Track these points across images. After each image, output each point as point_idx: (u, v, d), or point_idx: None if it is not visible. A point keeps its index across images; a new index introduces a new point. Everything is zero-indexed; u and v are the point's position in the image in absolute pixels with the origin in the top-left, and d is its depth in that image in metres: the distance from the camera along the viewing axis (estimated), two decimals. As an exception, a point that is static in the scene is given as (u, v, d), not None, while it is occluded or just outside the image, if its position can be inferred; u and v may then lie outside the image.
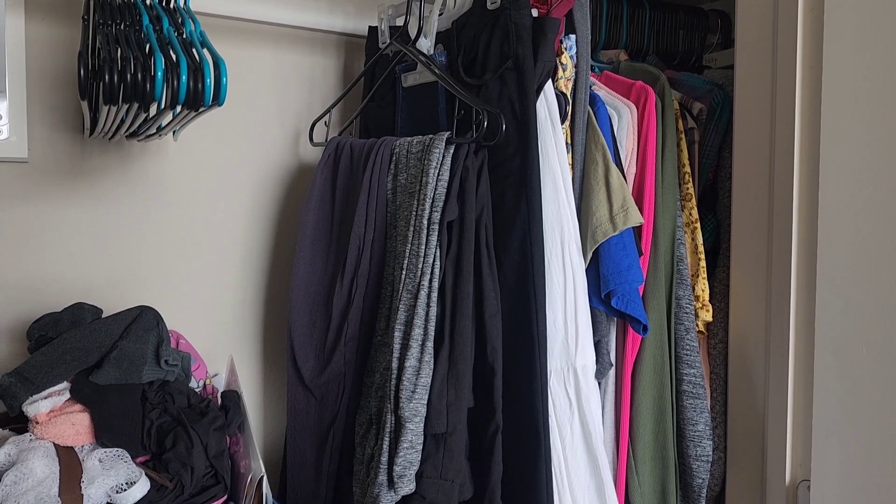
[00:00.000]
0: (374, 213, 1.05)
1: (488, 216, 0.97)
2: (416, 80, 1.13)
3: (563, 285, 0.99)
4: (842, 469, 0.95)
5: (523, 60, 0.97)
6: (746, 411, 1.12)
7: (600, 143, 1.06)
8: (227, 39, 1.23)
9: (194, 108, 0.80)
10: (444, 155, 0.96)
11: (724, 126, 1.23)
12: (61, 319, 0.99)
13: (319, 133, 1.26)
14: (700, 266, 1.17)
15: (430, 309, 0.94)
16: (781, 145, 1.04)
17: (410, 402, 0.91)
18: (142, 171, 1.18)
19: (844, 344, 0.94)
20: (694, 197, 1.19)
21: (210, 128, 1.20)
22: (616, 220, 1.03)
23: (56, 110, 1.09)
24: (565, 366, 1.00)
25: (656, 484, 1.12)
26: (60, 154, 1.10)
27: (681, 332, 1.14)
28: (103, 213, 1.15)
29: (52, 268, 1.11)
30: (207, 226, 1.25)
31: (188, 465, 0.90)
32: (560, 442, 0.99)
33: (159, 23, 0.86)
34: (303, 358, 1.10)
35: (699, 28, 1.51)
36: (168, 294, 1.21)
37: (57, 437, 0.89)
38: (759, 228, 1.09)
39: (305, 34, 1.31)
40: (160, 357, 0.98)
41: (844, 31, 0.94)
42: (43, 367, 0.93)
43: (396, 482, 0.91)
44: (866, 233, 0.92)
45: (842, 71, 0.95)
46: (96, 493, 0.84)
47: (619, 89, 1.16)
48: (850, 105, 0.94)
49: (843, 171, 0.95)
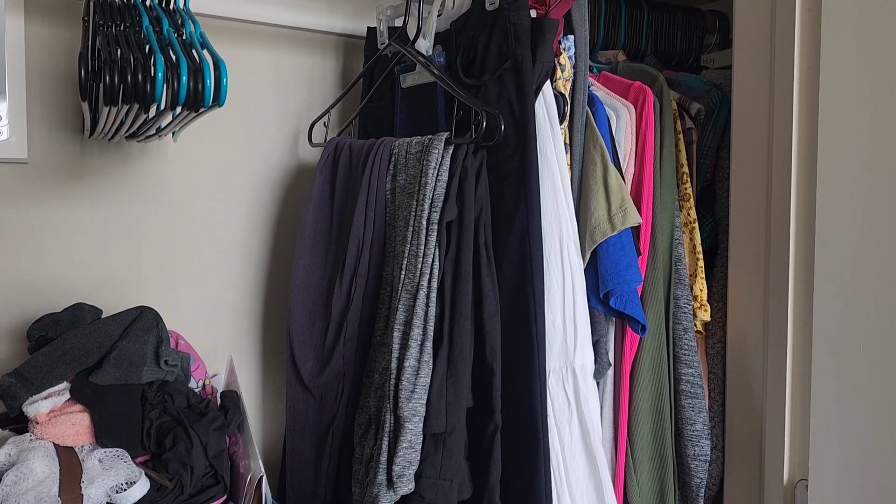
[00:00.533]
0: (373, 213, 1.05)
1: (487, 216, 0.97)
2: (415, 81, 1.13)
3: (561, 285, 0.99)
4: (840, 468, 0.95)
5: (522, 61, 0.97)
6: (744, 411, 1.12)
7: (599, 144, 1.06)
8: (226, 40, 1.23)
9: (194, 108, 0.80)
10: (443, 155, 0.96)
11: (721, 126, 1.23)
12: (61, 320, 0.99)
13: (318, 134, 1.26)
14: (698, 266, 1.17)
15: (428, 309, 0.94)
16: (779, 145, 1.05)
17: (409, 402, 0.91)
18: (141, 172, 1.17)
19: (842, 343, 0.95)
20: (692, 197, 1.19)
21: (210, 128, 1.20)
22: (614, 221, 1.03)
23: (56, 111, 1.09)
24: (564, 366, 1.00)
25: (655, 483, 1.12)
26: (60, 155, 1.10)
27: (679, 331, 1.14)
28: (103, 214, 1.15)
29: (52, 268, 1.11)
30: (207, 226, 1.24)
31: (188, 464, 0.90)
32: (559, 441, 0.99)
33: (159, 24, 0.86)
34: (302, 358, 1.10)
35: (697, 28, 1.51)
36: (167, 294, 1.21)
37: (57, 438, 0.89)
38: (757, 228, 1.09)
39: (304, 35, 1.31)
40: (160, 357, 0.98)
41: (842, 32, 0.95)
42: (43, 368, 0.93)
43: (395, 482, 0.91)
44: (864, 232, 0.92)
45: (839, 71, 0.95)
46: (96, 493, 0.84)
47: (617, 90, 1.16)
48: (848, 105, 0.94)
49: (840, 171, 0.95)
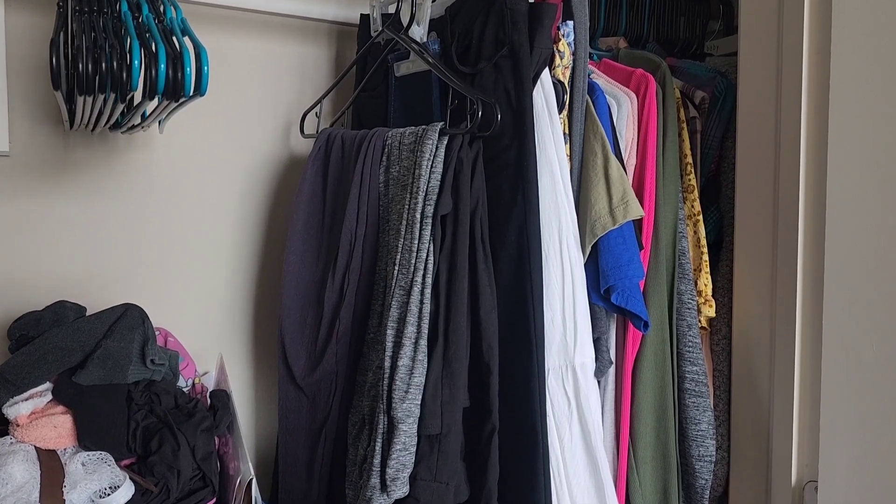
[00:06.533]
0: (365, 206, 1.04)
1: (483, 209, 0.96)
2: (409, 70, 1.12)
3: (561, 281, 0.98)
4: (851, 470, 0.94)
5: (519, 48, 0.96)
6: (751, 410, 1.12)
7: (599, 134, 1.05)
8: (215, 28, 1.21)
9: (174, 97, 0.78)
10: (437, 146, 0.95)
11: (727, 115, 1.23)
12: (43, 318, 0.98)
13: (311, 124, 1.24)
14: (702, 260, 1.17)
15: (423, 306, 0.92)
16: (787, 134, 1.03)
17: (403, 403, 0.90)
18: (127, 165, 1.16)
19: (853, 340, 0.94)
20: (696, 188, 1.19)
21: (198, 119, 1.19)
22: (616, 213, 1.02)
23: (37, 103, 1.08)
24: (564, 364, 0.99)
25: (658, 484, 1.11)
26: (43, 147, 1.10)
27: (683, 328, 1.13)
28: (87, 208, 1.14)
29: (34, 265, 1.10)
30: (196, 220, 1.24)
31: (174, 467, 0.89)
32: (559, 442, 0.98)
33: (139, 10, 0.85)
34: (294, 355, 1.09)
35: (700, 14, 1.50)
36: (155, 291, 1.20)
37: (38, 440, 0.89)
38: (764, 221, 1.08)
39: (296, 23, 1.30)
40: (146, 356, 0.97)
41: (853, 14, 0.93)
42: (24, 368, 0.92)
43: (389, 485, 0.90)
44: (877, 224, 0.91)
45: (851, 56, 0.93)
46: (79, 499, 0.83)
47: (618, 77, 1.16)
48: (861, 91, 0.92)
49: (852, 161, 0.94)
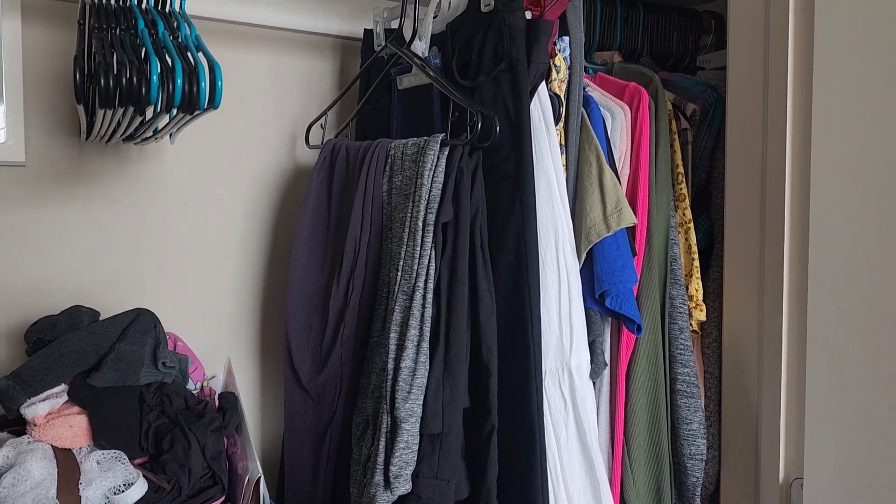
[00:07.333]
0: (369, 214, 1.05)
1: (483, 218, 0.97)
2: (412, 83, 1.13)
3: (557, 286, 1.00)
4: (835, 466, 0.95)
5: (517, 62, 0.98)
6: (740, 410, 1.13)
7: (594, 145, 1.07)
8: (223, 43, 1.23)
9: (189, 111, 0.80)
10: (438, 157, 0.97)
11: (717, 127, 1.23)
12: (59, 322, 0.99)
13: (315, 135, 1.26)
14: (694, 266, 1.18)
15: (425, 310, 0.94)
16: (773, 145, 1.05)
17: (406, 403, 0.91)
18: (139, 174, 1.18)
19: (836, 342, 0.95)
20: (687, 197, 1.20)
21: (207, 131, 1.21)
22: (610, 221, 1.03)
23: (53, 114, 1.09)
24: (560, 366, 1.00)
25: (651, 483, 1.12)
26: (57, 157, 1.11)
27: (675, 331, 1.14)
28: (100, 216, 1.15)
29: (50, 271, 1.11)
30: (205, 228, 1.25)
31: (185, 466, 0.90)
32: (555, 441, 0.99)
33: (154, 27, 0.86)
34: (300, 359, 1.10)
35: (693, 29, 1.51)
36: (166, 296, 1.21)
37: (55, 440, 0.89)
38: (752, 228, 1.09)
39: (301, 37, 1.31)
40: (157, 359, 0.98)
41: (835, 33, 0.95)
42: (41, 370, 0.93)
43: (392, 482, 0.91)
44: (858, 231, 0.92)
45: (833, 71, 0.95)
46: (94, 495, 0.84)
47: (612, 91, 1.17)
48: (842, 105, 0.94)
49: (834, 171, 0.95)
